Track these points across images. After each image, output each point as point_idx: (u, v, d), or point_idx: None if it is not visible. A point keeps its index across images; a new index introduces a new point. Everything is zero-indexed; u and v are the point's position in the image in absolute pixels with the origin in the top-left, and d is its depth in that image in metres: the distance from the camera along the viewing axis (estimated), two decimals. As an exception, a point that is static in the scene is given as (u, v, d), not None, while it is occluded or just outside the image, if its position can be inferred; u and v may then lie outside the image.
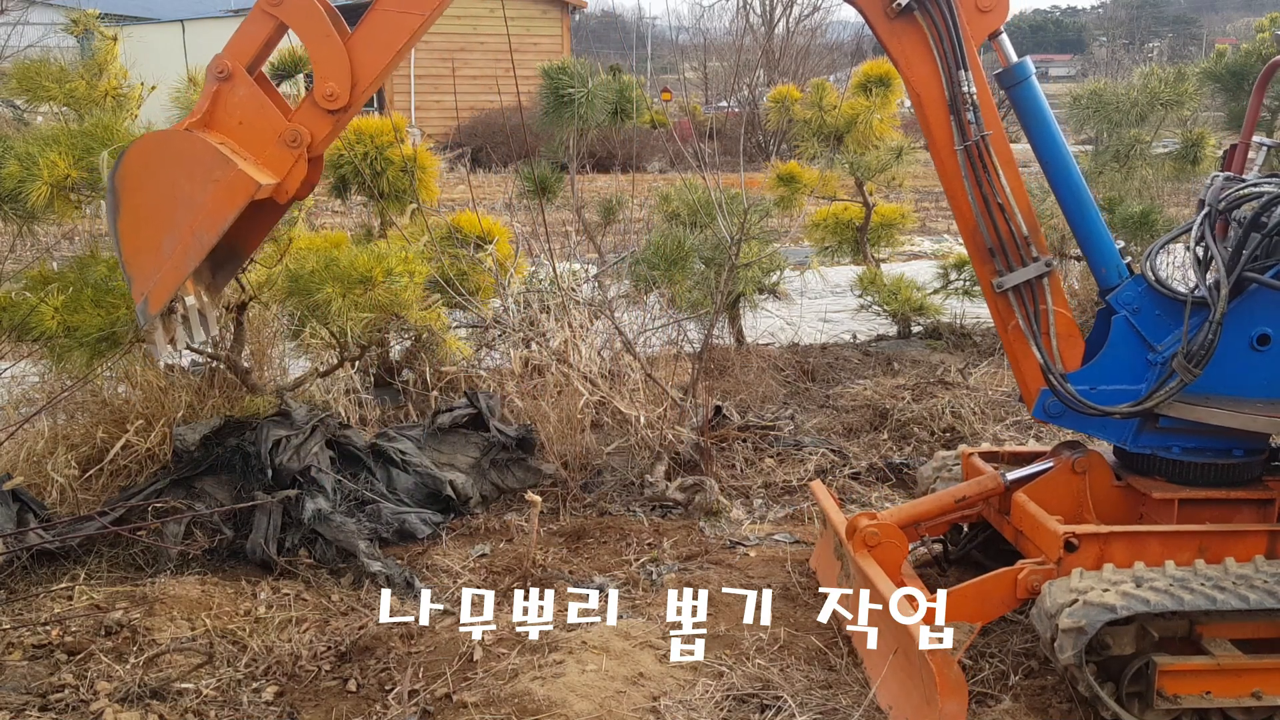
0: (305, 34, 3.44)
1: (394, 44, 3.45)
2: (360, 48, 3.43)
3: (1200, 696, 3.21)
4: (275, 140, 3.43)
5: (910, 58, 3.52)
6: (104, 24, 5.21)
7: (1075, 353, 3.62)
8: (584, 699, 3.42)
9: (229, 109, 3.42)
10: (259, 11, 3.40)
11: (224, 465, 4.67)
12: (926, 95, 3.53)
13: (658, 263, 6.31)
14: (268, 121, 3.43)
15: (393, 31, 3.44)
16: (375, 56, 3.44)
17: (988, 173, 3.50)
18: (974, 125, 3.47)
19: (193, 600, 4.07)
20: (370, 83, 3.48)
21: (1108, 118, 8.21)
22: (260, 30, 3.42)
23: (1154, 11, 71.25)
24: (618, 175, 9.83)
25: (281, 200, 3.56)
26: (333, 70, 3.42)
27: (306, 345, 5.67)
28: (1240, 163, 4.17)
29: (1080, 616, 3.12)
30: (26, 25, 17.81)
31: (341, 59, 3.41)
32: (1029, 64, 3.58)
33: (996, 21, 3.52)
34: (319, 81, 3.43)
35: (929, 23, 3.46)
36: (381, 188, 6.21)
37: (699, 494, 5.17)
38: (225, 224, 3.36)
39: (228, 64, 3.39)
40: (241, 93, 3.41)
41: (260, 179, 3.35)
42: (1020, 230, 3.54)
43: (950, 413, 6.30)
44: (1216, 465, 3.65)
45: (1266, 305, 3.49)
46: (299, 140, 3.43)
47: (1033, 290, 3.58)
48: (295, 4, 3.38)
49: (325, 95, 3.42)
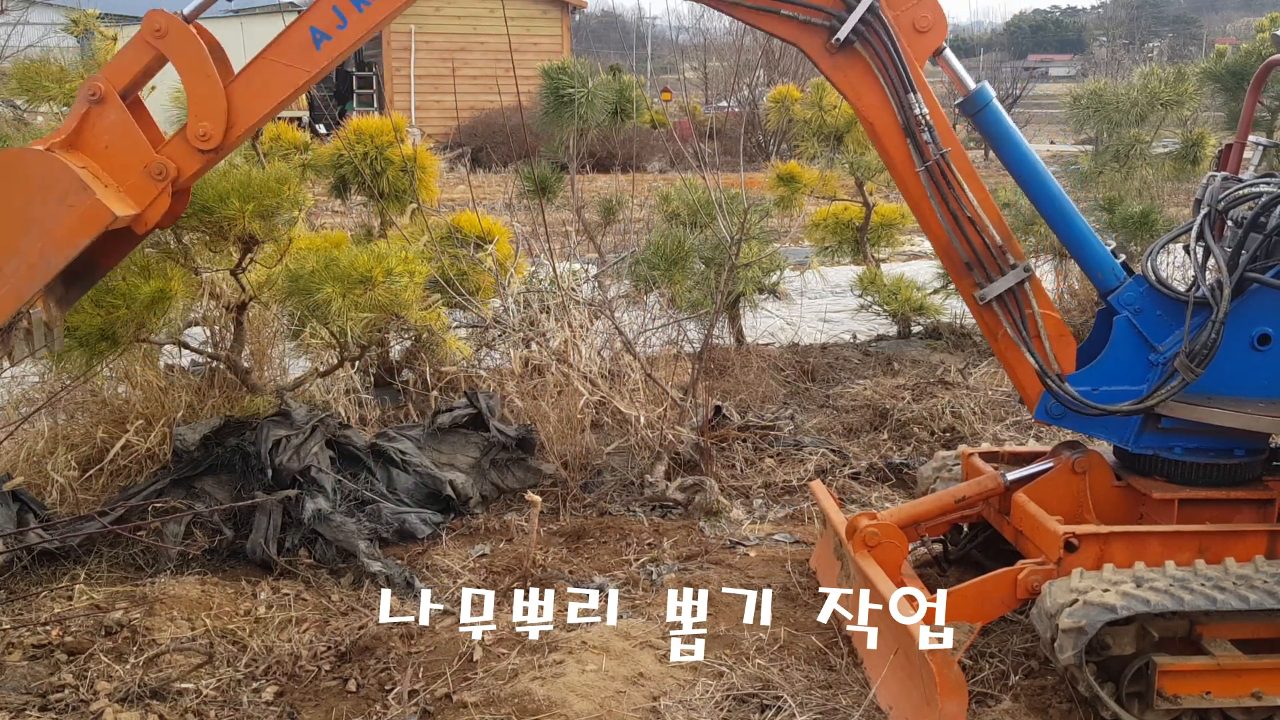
0: (184, 71, 3.42)
1: (275, 95, 3.47)
2: (240, 93, 3.44)
3: (1200, 697, 3.22)
4: (140, 170, 3.40)
5: (858, 88, 3.52)
6: (104, 24, 5.22)
7: (1069, 352, 3.62)
8: (584, 699, 3.42)
9: (97, 132, 3.39)
10: (141, 40, 3.39)
11: (224, 465, 4.67)
12: (880, 123, 3.54)
13: (658, 263, 6.31)
14: (135, 150, 3.40)
15: (276, 82, 3.46)
16: (254, 104, 3.45)
17: (952, 189, 3.51)
18: (931, 145, 3.47)
19: (193, 600, 4.07)
20: (246, 128, 3.49)
21: (1108, 118, 8.21)
22: (140, 58, 3.40)
23: (1154, 11, 71.26)
24: (618, 175, 9.83)
25: (140, 231, 3.52)
26: (209, 111, 3.40)
27: (306, 345, 5.67)
28: (1236, 162, 4.17)
29: (1080, 616, 3.12)
30: (26, 25, 17.79)
31: (219, 101, 3.40)
32: (987, 88, 3.58)
33: (937, 40, 3.52)
34: (193, 120, 3.41)
35: (870, 52, 3.45)
36: (381, 188, 6.21)
37: (699, 494, 5.17)
38: (75, 251, 3.31)
39: (100, 86, 3.36)
40: (111, 117, 3.38)
41: (117, 210, 3.30)
42: (994, 240, 3.54)
43: (950, 413, 6.30)
44: (1217, 465, 3.65)
45: (1267, 305, 3.49)
46: (165, 174, 3.41)
47: (1016, 297, 3.57)
48: (178, 38, 3.38)
49: (198, 135, 3.41)
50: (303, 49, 3.42)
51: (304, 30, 3.42)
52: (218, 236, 4.79)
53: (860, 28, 3.40)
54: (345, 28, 3.40)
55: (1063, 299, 8.52)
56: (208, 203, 4.46)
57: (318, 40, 3.41)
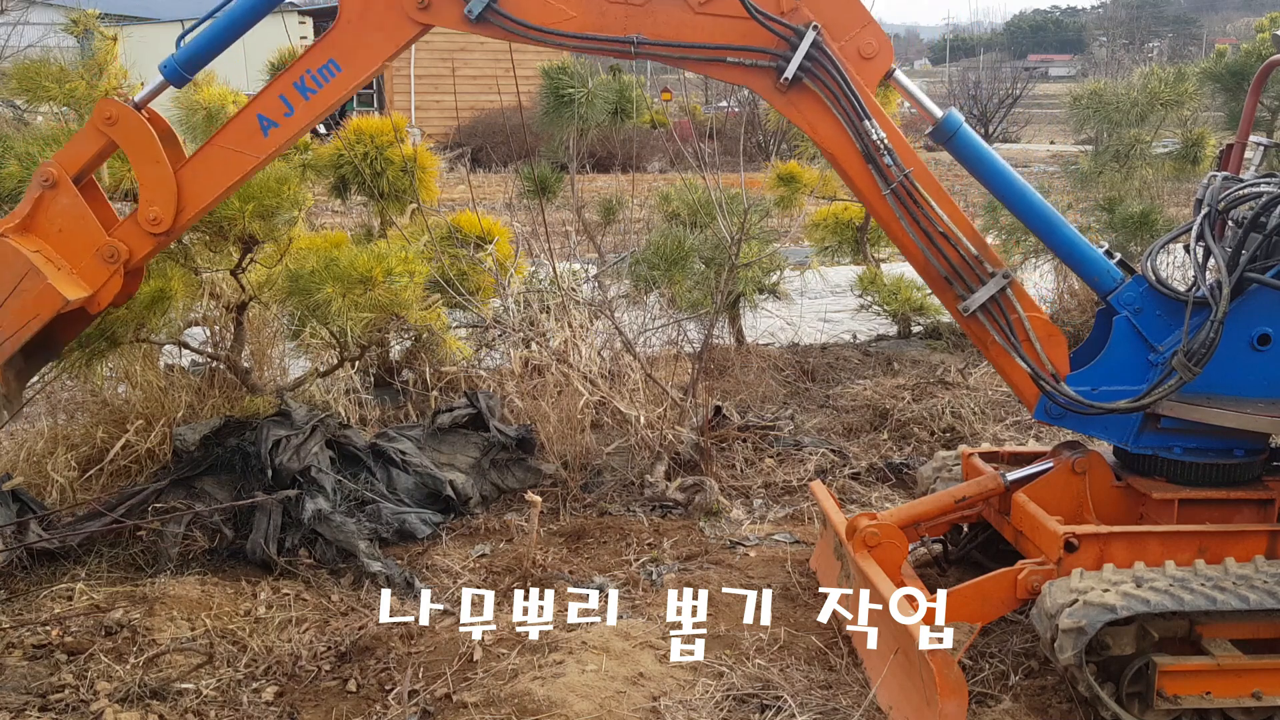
0: (134, 157, 3.53)
1: (225, 180, 3.57)
2: (190, 177, 3.54)
3: (1200, 697, 3.22)
4: (93, 253, 3.50)
5: (813, 122, 3.55)
6: (104, 24, 5.20)
7: (1060, 352, 3.63)
8: (584, 699, 3.41)
9: (50, 216, 3.50)
10: (92, 127, 3.50)
11: (224, 465, 4.67)
12: (840, 152, 3.56)
13: (658, 263, 6.31)
14: (87, 233, 3.50)
15: (225, 168, 3.55)
16: (204, 189, 3.56)
17: (920, 207, 3.53)
18: (894, 167, 3.50)
19: (193, 600, 4.07)
20: (196, 212, 3.59)
21: (1108, 118, 8.20)
22: (91, 144, 3.52)
23: (1154, 11, 71.30)
24: (618, 175, 9.83)
25: (93, 311, 3.62)
26: (159, 195, 3.50)
27: (306, 345, 5.67)
28: (1236, 162, 4.17)
29: (1080, 617, 3.12)
30: (26, 25, 17.79)
31: (169, 186, 3.50)
32: (954, 114, 3.60)
33: (884, 64, 3.54)
34: (144, 204, 3.51)
35: (820, 85, 3.48)
36: (381, 188, 6.21)
37: (699, 494, 5.17)
38: (29, 334, 3.44)
39: (53, 172, 3.47)
40: (64, 202, 3.49)
41: (69, 293, 3.41)
42: (969, 252, 3.55)
43: (950, 413, 6.30)
44: (1217, 465, 3.65)
45: (1267, 305, 3.49)
46: (116, 256, 3.51)
47: (999, 304, 3.58)
48: (127, 126, 3.48)
49: (149, 219, 3.52)
50: (251, 135, 3.52)
51: (252, 117, 3.52)
52: (218, 236, 4.80)
53: (806, 64, 3.44)
54: (292, 115, 3.51)
55: (1063, 299, 8.53)
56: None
57: (265, 127, 3.51)
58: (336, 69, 3.47)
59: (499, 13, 3.43)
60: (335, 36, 3.47)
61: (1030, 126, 37.11)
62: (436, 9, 3.46)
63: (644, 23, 3.48)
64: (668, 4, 3.48)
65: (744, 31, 3.46)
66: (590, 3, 3.47)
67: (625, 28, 3.48)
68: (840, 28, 3.47)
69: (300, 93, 3.48)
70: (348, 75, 3.48)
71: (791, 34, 3.43)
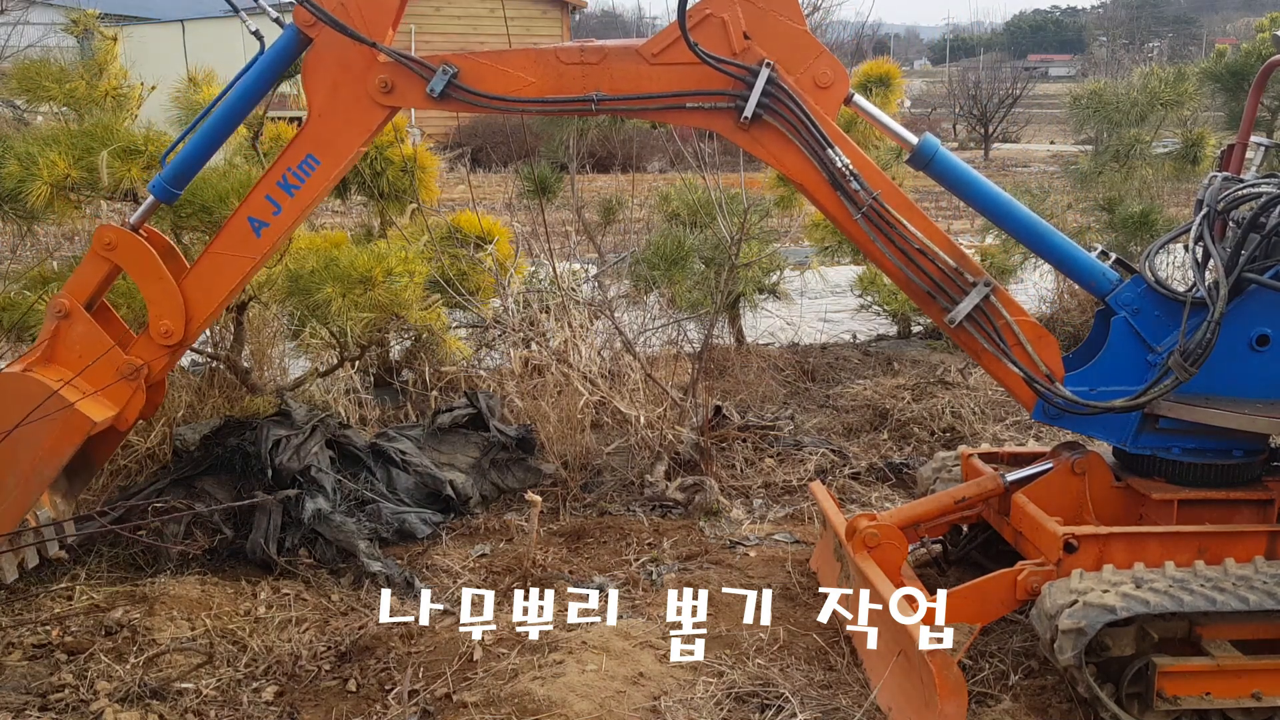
0: (138, 278, 3.70)
1: (227, 284, 3.72)
2: (194, 287, 3.70)
3: (1200, 698, 3.21)
4: (114, 373, 3.68)
5: (778, 156, 3.57)
6: (104, 24, 5.21)
7: (1051, 352, 3.63)
8: (584, 699, 3.41)
9: (69, 344, 3.69)
10: (94, 254, 3.68)
11: (224, 465, 4.67)
12: (808, 181, 3.59)
13: (658, 263, 6.31)
14: (107, 355, 3.68)
15: (225, 273, 3.70)
16: (208, 296, 3.72)
17: (894, 227, 3.55)
18: (861, 191, 3.51)
19: (193, 600, 4.07)
20: (205, 319, 3.76)
21: (1108, 118, 8.21)
22: (96, 271, 3.70)
23: (1154, 11, 71.34)
24: (618, 175, 9.83)
25: (122, 429, 3.79)
26: (167, 309, 3.68)
27: (306, 345, 5.67)
28: (1238, 163, 4.17)
29: (1080, 618, 3.12)
30: (26, 25, 17.80)
31: (175, 299, 3.67)
32: (930, 139, 3.62)
33: (841, 91, 3.57)
34: (154, 319, 3.68)
35: (780, 120, 3.50)
36: (381, 188, 6.21)
37: (699, 494, 5.17)
38: (65, 459, 3.64)
39: (65, 303, 3.66)
40: (80, 329, 3.68)
41: (96, 416, 3.60)
42: (947, 264, 3.57)
43: (950, 413, 6.30)
44: (1216, 466, 3.65)
45: (1266, 306, 3.49)
46: (136, 373, 3.70)
47: (985, 313, 3.59)
48: (127, 249, 3.66)
49: (161, 332, 3.69)
50: (245, 239, 3.66)
51: (243, 221, 3.65)
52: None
53: (764, 100, 3.47)
54: (280, 213, 3.64)
55: (1063, 299, 8.53)
56: (207, 203, 4.47)
57: (257, 229, 3.65)
58: (315, 162, 3.60)
59: (460, 88, 3.52)
60: (309, 131, 3.60)
61: (1030, 126, 37.12)
62: (401, 92, 3.56)
63: (601, 79, 3.53)
64: (622, 58, 3.53)
65: (700, 77, 3.50)
66: (547, 67, 3.53)
67: (584, 86, 3.53)
68: (793, 61, 3.51)
69: (285, 190, 3.62)
70: (327, 166, 3.61)
71: (746, 73, 3.46)
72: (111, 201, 4.87)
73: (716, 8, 3.47)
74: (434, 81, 3.49)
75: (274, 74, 3.65)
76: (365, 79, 3.52)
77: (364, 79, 3.52)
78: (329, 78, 3.53)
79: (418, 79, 3.51)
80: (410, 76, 3.52)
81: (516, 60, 3.54)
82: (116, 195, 4.61)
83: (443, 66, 3.49)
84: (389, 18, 3.54)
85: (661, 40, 3.49)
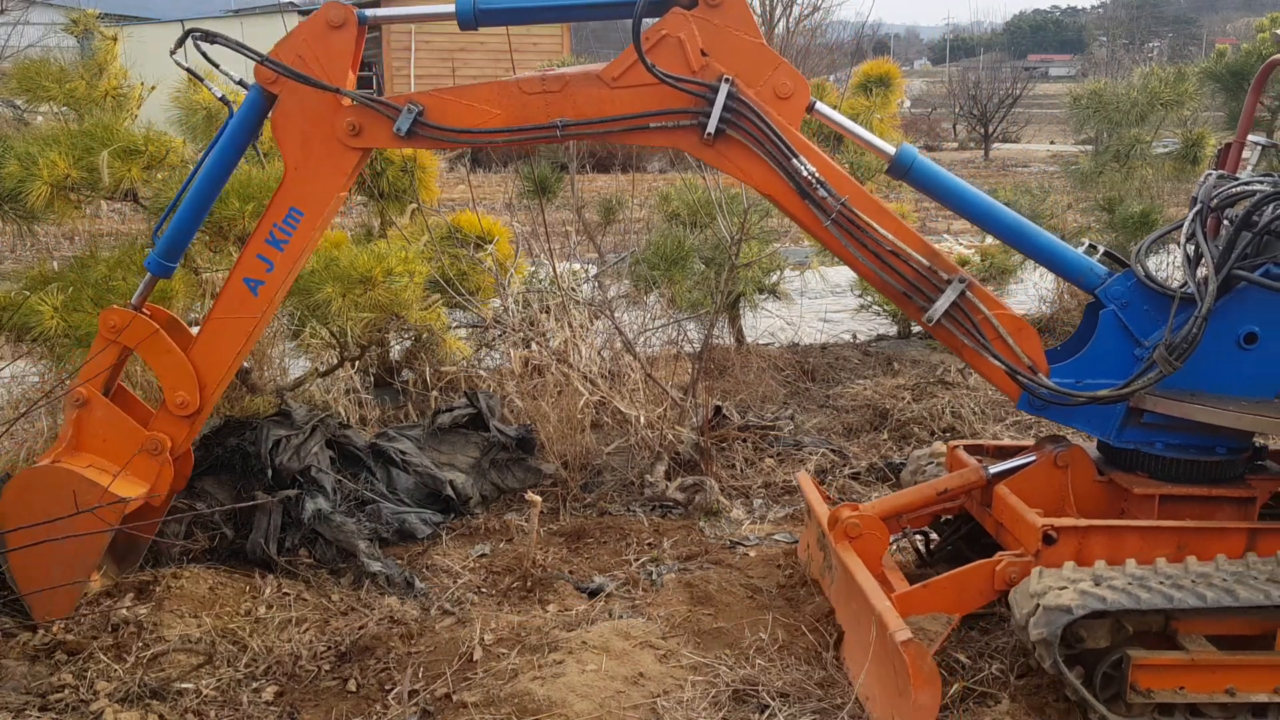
0: (148, 355, 3.81)
1: (234, 346, 3.80)
2: (202, 354, 3.79)
3: (1174, 691, 3.21)
4: (139, 451, 3.77)
5: (744, 168, 3.60)
6: (104, 24, 5.22)
7: (1033, 344, 3.64)
8: (584, 699, 3.42)
9: (92, 431, 3.80)
10: (101, 339, 3.79)
11: (224, 465, 4.67)
12: (776, 192, 3.61)
13: (658, 263, 6.32)
14: (129, 435, 3.79)
15: (230, 336, 3.79)
16: (217, 361, 3.80)
17: (865, 231, 3.57)
18: (829, 199, 3.54)
19: (198, 598, 4.06)
20: (218, 384, 3.84)
21: (1108, 118, 8.21)
22: (108, 356, 3.80)
23: (1154, 11, 71.35)
24: (618, 175, 9.84)
25: (156, 504, 3.87)
26: (180, 381, 3.78)
27: (306, 345, 5.67)
28: (1234, 161, 4.19)
29: (1043, 626, 3.13)
30: (26, 25, 17.81)
31: (186, 370, 3.77)
32: (907, 148, 3.65)
33: (802, 101, 3.60)
34: (169, 392, 3.78)
35: (743, 134, 3.53)
36: (381, 188, 6.21)
37: (699, 494, 5.17)
38: (104, 544, 3.75)
39: (82, 392, 3.77)
40: (100, 415, 3.80)
41: (128, 495, 3.69)
42: (921, 264, 3.59)
43: (950, 413, 6.30)
44: (1199, 462, 3.66)
45: (1254, 304, 3.50)
46: (160, 448, 3.79)
47: (963, 309, 3.61)
48: (133, 330, 3.76)
49: (177, 404, 3.79)
50: (243, 300, 3.75)
51: (239, 283, 3.74)
52: (217, 236, 4.79)
53: (726, 115, 3.50)
54: (274, 269, 3.73)
55: (1063, 297, 8.54)
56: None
57: (253, 288, 3.74)
58: (299, 214, 3.68)
59: (426, 124, 3.58)
60: (288, 186, 3.67)
61: (1030, 126, 37.14)
62: (369, 133, 3.62)
63: (565, 106, 3.57)
64: (584, 85, 3.56)
65: (662, 96, 3.53)
66: (511, 98, 3.58)
67: (548, 114, 3.57)
68: (752, 74, 3.53)
69: (274, 247, 3.70)
70: (311, 216, 3.68)
71: (706, 90, 3.49)
72: (111, 201, 4.87)
73: (672, 27, 3.50)
74: (400, 121, 3.55)
75: (245, 136, 3.70)
76: (333, 125, 3.59)
77: (332, 125, 3.59)
78: (298, 131, 3.61)
79: (384, 119, 3.58)
80: (377, 117, 3.59)
81: (480, 94, 3.61)
82: (116, 195, 4.61)
83: (408, 105, 3.56)
84: (347, 61, 3.59)
85: (621, 64, 3.53)
